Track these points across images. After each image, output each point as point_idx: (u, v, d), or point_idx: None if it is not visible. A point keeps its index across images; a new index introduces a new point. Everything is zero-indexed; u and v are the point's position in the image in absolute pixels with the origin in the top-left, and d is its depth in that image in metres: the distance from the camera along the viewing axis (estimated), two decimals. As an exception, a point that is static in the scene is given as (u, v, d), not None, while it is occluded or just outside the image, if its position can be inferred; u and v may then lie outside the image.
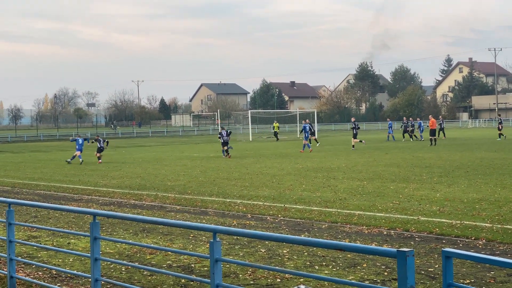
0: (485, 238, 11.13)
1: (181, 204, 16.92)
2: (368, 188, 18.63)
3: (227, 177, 23.44)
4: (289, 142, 54.17)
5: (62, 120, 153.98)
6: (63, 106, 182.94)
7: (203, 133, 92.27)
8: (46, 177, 26.13)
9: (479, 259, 4.81)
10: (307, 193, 17.89)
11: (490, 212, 13.70)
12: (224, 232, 6.29)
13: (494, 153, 31.54)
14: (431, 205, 14.95)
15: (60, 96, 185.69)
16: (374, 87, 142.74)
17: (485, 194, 16.52)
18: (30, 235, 12.93)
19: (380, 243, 11.07)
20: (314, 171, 24.81)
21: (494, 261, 4.64)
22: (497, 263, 4.63)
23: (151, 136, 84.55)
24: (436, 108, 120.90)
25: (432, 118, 44.49)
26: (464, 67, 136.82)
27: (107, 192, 20.02)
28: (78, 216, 15.07)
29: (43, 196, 19.92)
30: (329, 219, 13.66)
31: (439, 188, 18.10)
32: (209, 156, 36.85)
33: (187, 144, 56.59)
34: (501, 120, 50.05)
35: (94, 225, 7.20)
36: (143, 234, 12.73)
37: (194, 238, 12.11)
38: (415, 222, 12.88)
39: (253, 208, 15.62)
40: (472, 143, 43.42)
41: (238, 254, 10.58)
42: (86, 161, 34.39)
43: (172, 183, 22.00)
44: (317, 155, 34.55)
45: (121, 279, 9.19)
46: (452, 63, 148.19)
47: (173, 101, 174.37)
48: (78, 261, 10.44)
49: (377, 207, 14.99)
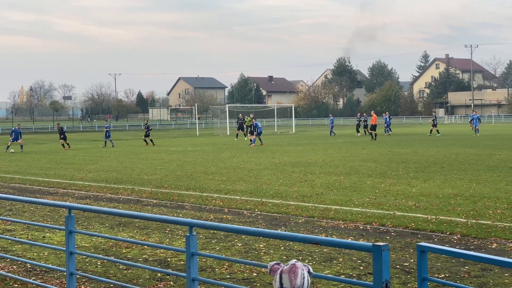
0: (460, 233, 11.24)
1: (157, 198, 16.86)
2: (344, 183, 18.72)
3: (204, 171, 23.40)
4: (266, 137, 54.23)
5: (38, 113, 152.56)
6: (39, 99, 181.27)
7: (180, 127, 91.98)
8: (21, 170, 25.87)
9: (453, 253, 4.85)
10: (284, 188, 17.92)
11: (465, 207, 13.84)
12: (201, 226, 6.28)
13: (469, 149, 31.86)
14: (407, 200, 15.07)
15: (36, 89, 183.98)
16: (351, 82, 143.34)
17: (460, 189, 16.68)
18: (5, 229, 12.80)
19: (356, 238, 11.14)
20: (291, 165, 24.86)
21: (469, 255, 4.69)
22: (471, 257, 4.68)
23: (128, 130, 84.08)
24: (412, 104, 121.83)
25: (374, 114, 46.73)
26: (441, 63, 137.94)
27: (83, 186, 19.89)
28: (54, 210, 14.95)
29: (18, 189, 19.72)
30: (305, 213, 13.70)
31: (415, 183, 18.24)
32: (186, 150, 36.76)
33: (164, 138, 56.39)
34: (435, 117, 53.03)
35: (70, 219, 7.14)
36: (119, 228, 12.67)
37: (170, 232, 12.08)
38: (391, 217, 12.97)
39: (230, 202, 15.61)
40: (448, 138, 43.82)
41: (214, 248, 10.57)
42: (64, 154, 34.14)
43: (149, 177, 21.91)
44: (294, 150, 34.62)
45: (96, 273, 9.13)
46: (429, 59, 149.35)
47: (150, 94, 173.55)
48: (53, 255, 10.36)
49: (353, 202, 15.06)
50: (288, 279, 3.96)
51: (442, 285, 8.02)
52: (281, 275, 3.99)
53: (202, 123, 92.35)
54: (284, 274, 3.99)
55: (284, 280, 3.97)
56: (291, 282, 3.96)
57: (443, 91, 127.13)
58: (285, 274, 3.98)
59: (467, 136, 46.46)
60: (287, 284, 3.96)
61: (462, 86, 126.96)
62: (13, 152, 36.84)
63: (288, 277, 3.97)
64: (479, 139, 42.14)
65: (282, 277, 3.98)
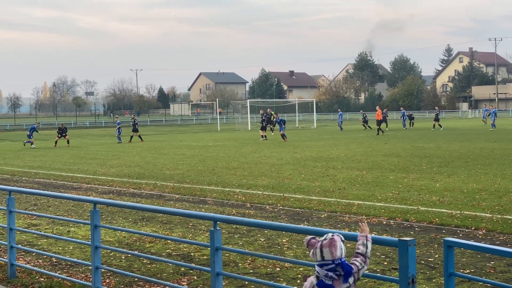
0: (485, 228, 11.13)
1: (180, 193, 16.91)
2: (367, 178, 18.63)
3: (226, 166, 23.43)
4: (287, 132, 54.17)
5: (60, 109, 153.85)
6: (61, 95, 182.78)
7: (201, 122, 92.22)
8: (46, 165, 26.12)
9: (480, 248, 4.81)
10: (306, 183, 17.89)
11: (490, 202, 13.70)
12: (225, 221, 6.29)
13: (494, 143, 31.54)
14: (430, 195, 14.96)
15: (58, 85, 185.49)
16: (373, 76, 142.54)
17: (485, 184, 16.52)
18: (30, 223, 12.93)
19: (380, 233, 11.07)
20: (313, 160, 24.80)
21: (495, 250, 4.64)
22: (498, 252, 4.63)
23: (150, 125, 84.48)
24: (435, 98, 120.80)
25: (379, 109, 46.87)
26: (465, 57, 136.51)
27: (106, 181, 20.02)
28: (78, 205, 15.07)
29: (42, 184, 19.91)
30: (328, 208, 13.66)
31: (439, 178, 18.10)
32: (208, 145, 36.84)
33: (185, 133, 56.56)
34: (438, 111, 53.44)
35: (95, 213, 7.19)
36: (142, 222, 12.73)
37: (193, 227, 12.12)
38: (415, 212, 12.88)
39: (252, 197, 15.61)
40: (472, 133, 43.42)
41: (237, 243, 10.58)
42: (87, 149, 34.40)
43: (171, 172, 21.99)
44: (316, 145, 34.54)
45: (121, 267, 9.19)
46: (452, 53, 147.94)
47: (171, 90, 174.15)
48: (78, 249, 10.44)
49: (376, 197, 14.99)
50: (329, 252, 4.32)
51: (467, 280, 7.95)
52: (322, 249, 4.34)
53: (223, 118, 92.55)
54: (324, 248, 4.33)
55: (325, 254, 4.32)
56: (332, 254, 4.32)
57: (467, 85, 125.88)
58: (325, 248, 4.33)
59: (491, 130, 45.97)
60: (328, 256, 4.32)
61: (486, 80, 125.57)
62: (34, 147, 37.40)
63: (329, 250, 4.32)
64: (503, 133, 41.69)
65: (323, 251, 4.33)
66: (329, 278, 4.34)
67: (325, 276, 4.34)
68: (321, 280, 4.36)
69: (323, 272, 4.34)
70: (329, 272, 4.33)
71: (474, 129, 49.88)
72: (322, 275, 4.35)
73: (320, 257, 4.34)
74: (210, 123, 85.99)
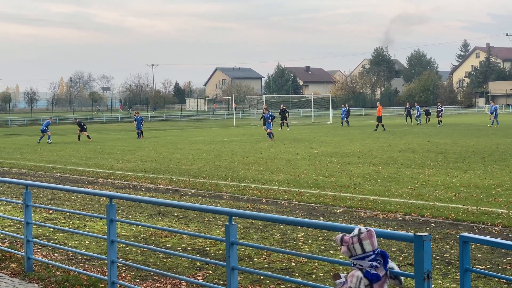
0: (501, 224, 11.06)
1: (195, 188, 16.96)
2: (383, 173, 18.57)
3: (242, 161, 23.45)
4: (303, 127, 54.11)
5: (77, 104, 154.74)
6: (78, 90, 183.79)
7: (217, 117, 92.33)
8: (62, 160, 26.29)
9: (497, 244, 4.77)
10: (322, 178, 17.86)
11: (507, 198, 13.61)
12: (240, 216, 6.30)
13: (510, 139, 31.30)
14: (446, 190, 14.88)
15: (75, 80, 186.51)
16: (389, 72, 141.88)
17: (501, 180, 16.41)
18: (47, 217, 13.03)
19: (395, 228, 11.04)
20: (328, 156, 24.76)
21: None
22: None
23: (166, 120, 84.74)
24: (452, 94, 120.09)
25: (380, 105, 46.56)
26: (481, 52, 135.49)
27: (122, 176, 20.12)
28: (94, 199, 15.16)
29: (59, 178, 20.05)
30: (344, 204, 13.64)
31: (455, 174, 18.00)
32: (223, 140, 36.88)
33: (201, 128, 56.68)
34: (441, 108, 51.63)
35: (111, 208, 7.23)
36: (158, 217, 12.79)
37: (208, 221, 12.15)
38: (431, 207, 12.82)
39: (267, 192, 15.62)
40: (488, 128, 43.11)
41: (252, 238, 10.60)
42: (103, 144, 34.61)
43: (187, 167, 22.05)
44: (332, 140, 34.47)
45: (137, 261, 9.24)
46: (469, 48, 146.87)
47: (187, 85, 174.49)
48: (94, 243, 10.51)
49: (392, 192, 14.94)
50: (370, 243, 4.54)
51: (483, 276, 7.91)
52: (361, 242, 4.53)
53: (239, 114, 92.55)
54: (364, 240, 4.53)
55: (366, 246, 4.53)
56: (372, 244, 4.54)
57: (484, 81, 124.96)
58: (365, 240, 4.53)
59: (508, 126, 45.63)
60: (369, 248, 4.53)
61: (503, 75, 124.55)
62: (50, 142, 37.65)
63: (370, 241, 4.54)
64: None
65: (363, 244, 4.53)
66: (374, 267, 4.52)
67: (370, 266, 4.52)
68: (367, 271, 4.52)
69: (367, 264, 4.52)
70: (373, 262, 4.53)
71: (491, 125, 49.48)
72: (366, 267, 4.52)
73: (361, 250, 4.52)
74: (226, 118, 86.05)
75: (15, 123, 75.32)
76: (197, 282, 7.70)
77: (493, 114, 48.20)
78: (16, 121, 78.36)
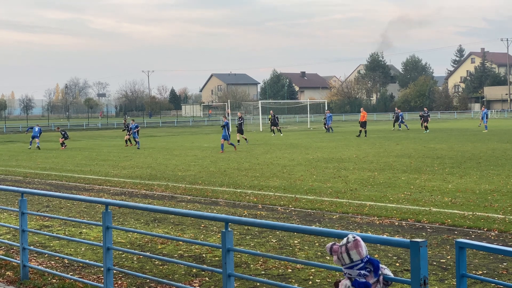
0: (498, 229, 11.07)
1: (191, 194, 16.94)
2: (379, 179, 18.59)
3: (238, 167, 23.44)
4: (299, 133, 54.13)
5: (73, 110, 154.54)
6: (74, 96, 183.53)
7: (213, 123, 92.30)
8: (58, 167, 26.24)
9: (492, 249, 4.77)
10: (318, 184, 17.86)
11: (503, 203, 13.63)
12: (236, 222, 6.29)
13: (506, 144, 31.36)
14: (443, 196, 14.90)
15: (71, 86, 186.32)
16: (385, 77, 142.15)
17: (497, 185, 16.44)
18: (42, 225, 12.99)
19: (392, 234, 11.04)
20: (324, 161, 24.77)
21: (508, 251, 4.60)
22: (510, 253, 4.59)
23: (161, 126, 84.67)
24: (447, 99, 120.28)
25: (363, 111, 46.29)
26: (477, 57, 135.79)
27: (118, 182, 20.09)
28: (90, 206, 15.13)
29: (54, 186, 20.00)
30: (340, 209, 13.64)
31: (451, 179, 18.02)
32: (219, 146, 36.82)
33: (197, 134, 56.65)
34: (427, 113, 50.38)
35: (107, 215, 7.22)
36: (154, 224, 12.77)
37: (205, 228, 12.14)
38: (427, 213, 12.83)
39: (264, 198, 15.61)
40: (484, 134, 43.20)
41: (249, 244, 10.58)
42: (99, 151, 34.55)
43: (183, 173, 22.03)
44: (328, 146, 34.49)
45: (133, 268, 9.22)
46: (464, 54, 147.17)
47: (183, 91, 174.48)
48: (90, 251, 10.48)
49: (388, 198, 14.95)
50: (356, 253, 4.52)
51: (480, 282, 7.92)
52: (349, 252, 4.52)
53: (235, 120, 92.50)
54: (351, 250, 4.52)
55: (353, 256, 4.51)
56: (359, 254, 4.52)
57: (479, 86, 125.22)
58: (352, 250, 4.52)
59: (503, 131, 45.74)
60: (356, 257, 4.51)
61: (498, 80, 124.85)
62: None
63: (356, 251, 4.52)
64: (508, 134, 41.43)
65: (350, 254, 4.52)
66: (362, 276, 4.54)
67: (358, 275, 4.54)
68: (355, 280, 4.53)
69: (356, 273, 4.54)
70: (361, 271, 4.53)
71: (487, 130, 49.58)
72: (355, 275, 4.54)
73: (349, 260, 4.53)
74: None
75: (11, 130, 75.16)
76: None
77: (484, 119, 48.23)
78: (12, 128, 78.21)
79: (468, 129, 52.68)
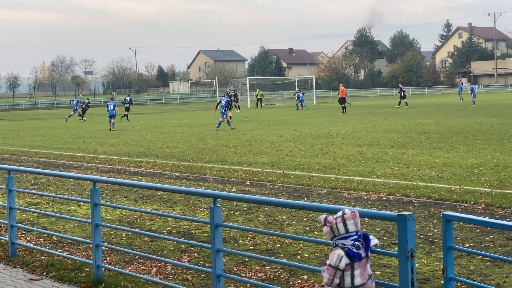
0: (484, 203, 11.17)
1: (180, 171, 16.94)
2: (366, 154, 18.65)
3: (226, 144, 23.44)
4: (287, 109, 54.12)
5: (59, 88, 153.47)
6: (60, 74, 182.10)
7: (201, 100, 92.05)
8: (45, 144, 26.12)
9: (479, 222, 4.82)
10: (306, 160, 17.91)
11: (489, 177, 13.73)
12: (225, 198, 6.30)
13: (493, 118, 31.53)
14: (430, 170, 14.98)
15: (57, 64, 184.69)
16: (372, 53, 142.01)
17: (484, 159, 16.55)
18: (31, 202, 12.96)
19: (379, 208, 11.11)
20: (312, 137, 24.81)
21: (494, 224, 4.65)
22: (497, 226, 4.64)
23: (149, 104, 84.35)
24: (435, 74, 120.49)
25: (342, 87, 46.40)
26: (464, 32, 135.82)
27: (106, 160, 20.04)
28: (78, 183, 15.10)
29: (42, 163, 19.93)
30: (328, 185, 13.69)
31: (438, 153, 18.12)
32: (207, 123, 36.81)
33: (185, 112, 56.50)
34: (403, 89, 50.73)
35: (95, 191, 7.20)
36: (142, 201, 12.77)
37: (193, 204, 12.16)
38: (414, 187, 12.91)
39: (252, 174, 15.64)
40: (471, 108, 43.37)
41: (237, 220, 10.62)
42: (84, 128, 34.41)
43: (171, 150, 22.00)
44: (316, 122, 34.52)
45: (122, 245, 9.23)
46: (451, 29, 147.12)
47: (171, 68, 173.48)
48: (78, 228, 10.48)
49: (376, 173, 15.01)
50: (353, 223, 4.60)
51: (467, 254, 8.00)
52: (345, 222, 4.59)
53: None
54: (348, 220, 4.60)
55: (349, 226, 4.59)
56: (355, 225, 4.61)
57: (466, 61, 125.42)
58: (349, 220, 4.60)
59: (490, 105, 45.94)
60: (352, 228, 4.60)
61: (485, 55, 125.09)
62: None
63: (354, 221, 4.61)
64: (503, 108, 41.64)
65: (347, 223, 4.59)
66: (356, 247, 4.59)
67: (352, 245, 4.58)
68: (349, 249, 4.57)
69: (350, 242, 4.58)
70: (356, 242, 4.59)
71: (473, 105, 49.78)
72: (349, 245, 4.58)
73: (344, 230, 4.58)
74: (210, 101, 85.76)
75: (-3, 108, 74.61)
76: (183, 264, 7.72)
77: (472, 94, 48.50)
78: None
79: (455, 104, 52.87)
